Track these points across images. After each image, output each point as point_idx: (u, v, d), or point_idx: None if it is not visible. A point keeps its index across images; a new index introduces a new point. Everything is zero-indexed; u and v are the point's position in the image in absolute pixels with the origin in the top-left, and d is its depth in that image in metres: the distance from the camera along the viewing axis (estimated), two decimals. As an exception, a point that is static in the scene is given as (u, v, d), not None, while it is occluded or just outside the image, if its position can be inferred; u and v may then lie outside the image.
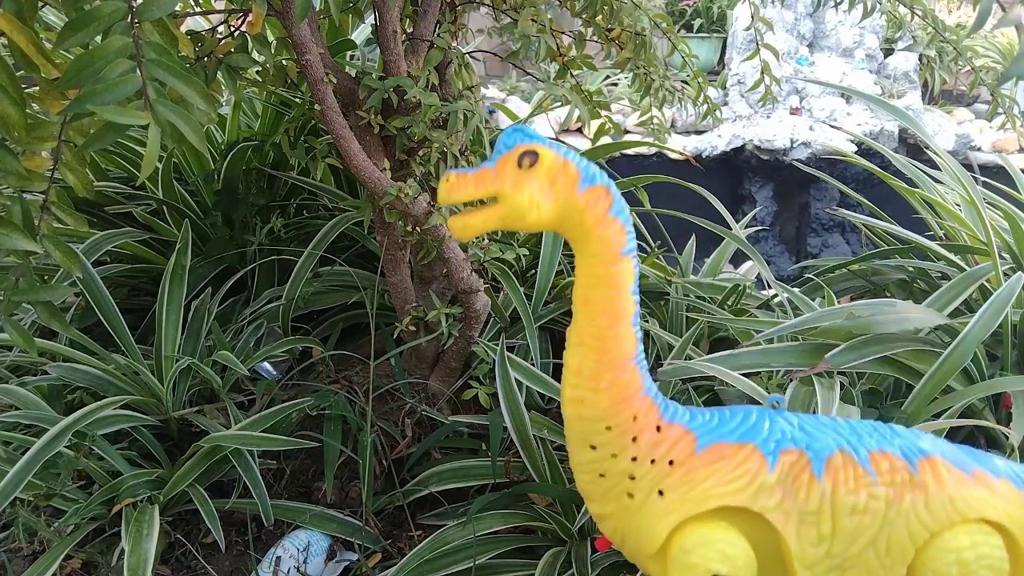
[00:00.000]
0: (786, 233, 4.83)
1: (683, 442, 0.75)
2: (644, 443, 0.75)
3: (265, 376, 1.76)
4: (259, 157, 1.97)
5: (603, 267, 0.73)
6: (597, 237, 0.72)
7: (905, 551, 0.73)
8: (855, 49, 4.87)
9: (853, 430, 0.76)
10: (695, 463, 0.74)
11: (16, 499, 1.32)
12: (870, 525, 0.72)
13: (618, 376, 0.75)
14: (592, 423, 0.77)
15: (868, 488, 0.72)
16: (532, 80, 5.07)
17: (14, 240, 0.81)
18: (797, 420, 0.77)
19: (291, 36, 1.18)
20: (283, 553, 1.40)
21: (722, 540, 0.72)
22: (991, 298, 1.43)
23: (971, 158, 4.38)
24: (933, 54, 4.93)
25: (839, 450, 0.74)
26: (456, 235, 0.71)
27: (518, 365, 1.52)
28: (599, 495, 0.79)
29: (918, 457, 0.74)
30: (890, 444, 0.75)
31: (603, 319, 0.74)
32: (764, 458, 0.73)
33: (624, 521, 0.77)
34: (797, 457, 0.73)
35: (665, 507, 0.74)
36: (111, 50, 0.68)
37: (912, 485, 0.73)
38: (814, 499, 0.72)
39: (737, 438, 0.75)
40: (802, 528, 0.73)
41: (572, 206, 0.70)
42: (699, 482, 0.73)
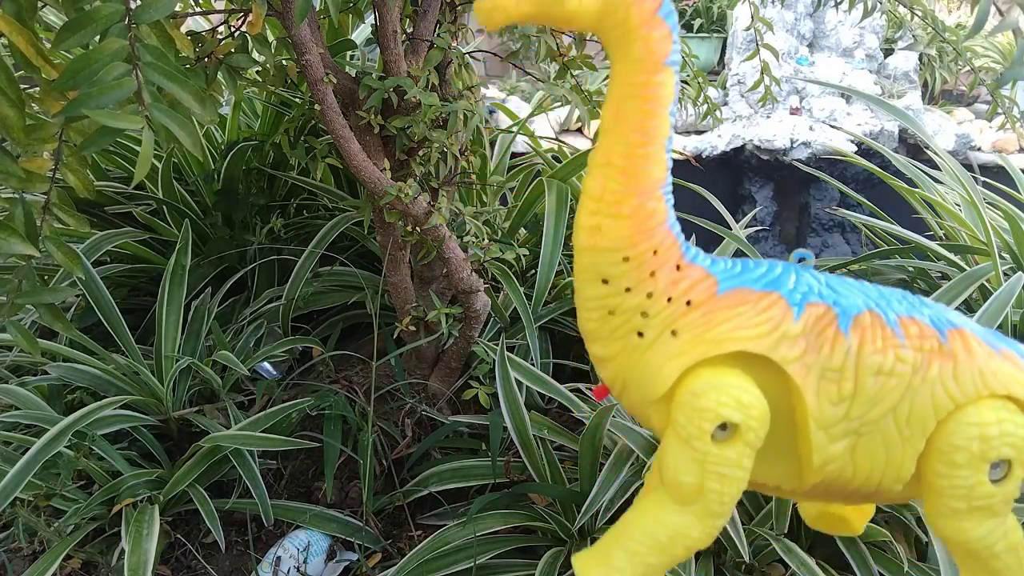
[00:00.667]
0: (786, 233, 4.83)
1: (703, 284, 0.69)
2: (662, 279, 0.68)
3: (265, 376, 1.77)
4: (259, 157, 1.97)
5: (643, 75, 0.65)
6: (641, 39, 0.64)
7: (926, 422, 0.69)
8: (855, 49, 4.87)
9: (882, 295, 0.72)
10: (715, 304, 0.68)
11: (16, 499, 1.32)
12: (894, 389, 0.68)
13: (644, 202, 0.67)
14: (608, 253, 0.68)
15: (896, 349, 0.68)
16: (532, 80, 5.07)
17: (12, 244, 0.81)
18: (824, 278, 0.72)
19: (291, 36, 1.18)
20: (283, 553, 1.40)
21: (737, 386, 0.67)
22: (991, 298, 1.43)
23: (971, 158, 4.38)
24: (933, 54, 4.93)
25: (868, 310, 0.69)
26: (483, 20, 0.63)
27: (518, 365, 1.52)
28: (605, 334, 0.71)
29: (948, 327, 0.70)
30: (919, 312, 0.71)
31: (636, 136, 0.66)
32: (789, 308, 0.68)
33: (629, 362, 0.71)
34: (824, 311, 0.68)
35: (678, 347, 0.68)
36: (107, 52, 0.68)
37: (941, 353, 0.69)
38: (839, 355, 0.67)
39: (762, 286, 0.69)
40: (823, 385, 0.68)
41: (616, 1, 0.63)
42: (718, 324, 0.68)
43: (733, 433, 0.67)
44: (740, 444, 0.67)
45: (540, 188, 1.83)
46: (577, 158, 1.92)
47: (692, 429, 0.67)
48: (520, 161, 2.17)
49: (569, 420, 1.62)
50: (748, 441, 0.67)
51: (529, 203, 1.91)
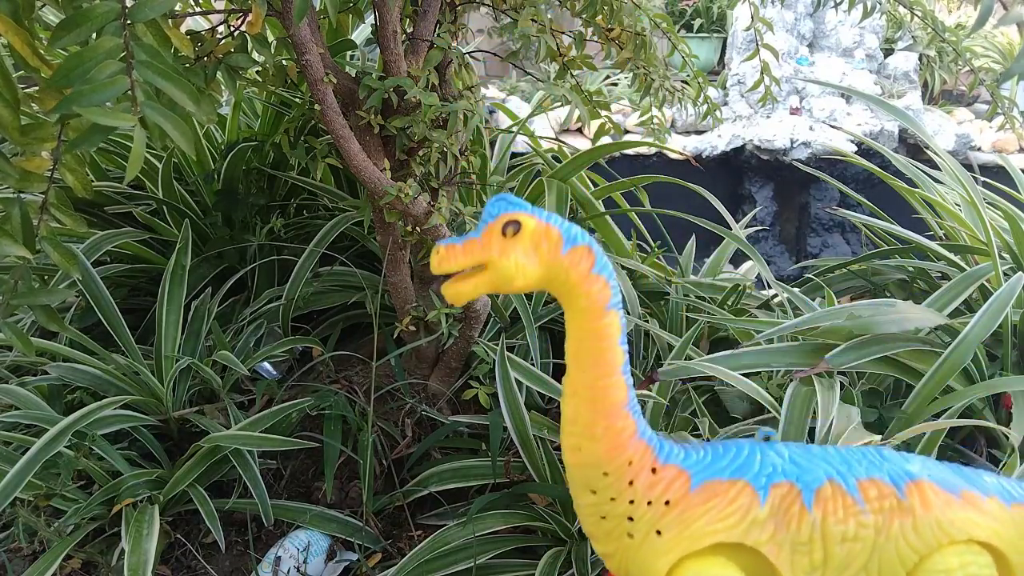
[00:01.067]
0: (786, 233, 4.83)
1: (678, 482, 0.78)
2: (640, 486, 0.78)
3: (265, 376, 1.76)
4: (259, 157, 1.97)
5: (590, 322, 0.76)
6: (583, 294, 0.75)
7: (896, 575, 0.75)
8: (855, 49, 4.87)
9: (843, 459, 0.79)
10: (690, 502, 0.77)
11: (16, 499, 1.32)
12: (860, 552, 0.75)
13: (612, 423, 0.77)
14: (590, 469, 0.78)
15: (857, 517, 0.75)
16: (532, 80, 5.07)
17: (5, 246, 0.80)
18: (788, 452, 0.79)
19: (291, 36, 1.18)
20: (283, 553, 1.40)
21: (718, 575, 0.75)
22: (991, 298, 1.43)
23: (971, 158, 4.38)
24: (933, 54, 4.92)
25: (828, 480, 0.76)
26: (450, 300, 0.75)
27: (518, 365, 1.52)
28: (602, 536, 0.81)
29: (906, 482, 0.76)
30: (879, 470, 0.77)
31: (594, 371, 0.77)
32: (755, 493, 0.76)
33: (626, 559, 0.80)
34: (788, 490, 0.76)
35: (663, 546, 0.77)
36: (101, 50, 0.67)
37: (900, 510, 0.75)
38: (805, 530, 0.75)
39: (730, 474, 0.78)
40: (795, 558, 0.75)
41: (557, 267, 0.75)
42: (694, 520, 0.76)
43: None
44: None
45: (540, 188, 1.83)
46: (577, 158, 1.92)
47: None
48: (520, 161, 2.17)
49: (569, 420, 1.62)
50: None
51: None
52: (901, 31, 4.84)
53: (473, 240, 0.73)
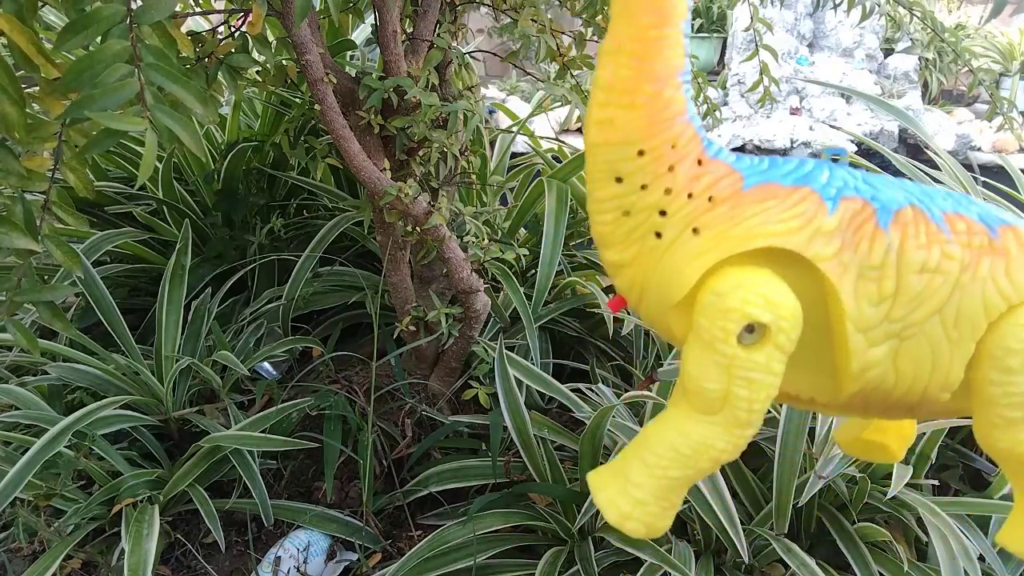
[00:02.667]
0: (786, 233, 4.83)
1: (727, 179, 0.62)
2: (681, 174, 0.61)
3: (265, 376, 1.77)
4: (259, 157, 1.98)
5: None
6: None
7: (977, 323, 0.62)
8: (855, 49, 4.87)
9: (924, 191, 0.64)
10: (740, 200, 0.61)
11: (16, 499, 1.32)
12: (940, 288, 0.61)
13: (660, 90, 0.59)
14: (622, 148, 0.61)
15: (942, 245, 0.61)
16: (532, 80, 5.07)
17: (14, 239, 0.81)
18: (861, 174, 0.65)
19: (291, 36, 1.18)
20: (283, 553, 1.40)
21: (766, 284, 0.59)
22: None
23: (971, 158, 4.38)
24: (932, 56, 4.93)
25: (910, 205, 0.62)
26: None
27: (518, 364, 1.52)
28: (620, 237, 0.64)
29: (999, 224, 0.63)
30: (967, 209, 0.63)
31: (647, 17, 0.58)
32: (823, 202, 0.61)
33: (647, 266, 0.64)
34: (861, 206, 0.61)
35: (700, 245, 0.61)
36: (109, 53, 0.68)
37: (992, 250, 0.62)
38: (878, 251, 0.60)
39: (792, 181, 0.62)
40: (861, 284, 0.61)
41: None
42: (744, 219, 0.61)
43: (762, 335, 0.59)
44: (770, 347, 0.59)
45: (540, 188, 1.83)
46: (577, 158, 1.92)
47: (716, 331, 0.60)
48: (520, 161, 2.17)
49: (569, 420, 1.62)
50: (779, 343, 0.60)
51: (529, 203, 1.91)
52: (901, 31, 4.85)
53: None
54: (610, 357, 1.80)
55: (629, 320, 1.68)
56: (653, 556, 1.22)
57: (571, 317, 1.84)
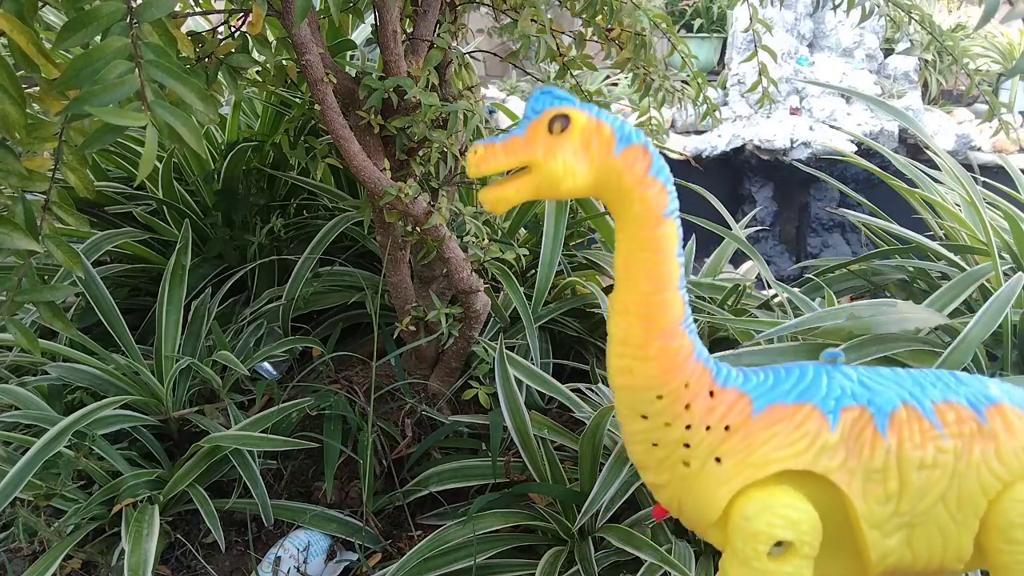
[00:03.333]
0: (786, 233, 4.83)
1: (738, 406, 0.71)
2: (698, 410, 0.71)
3: (265, 376, 1.76)
4: (259, 157, 1.97)
5: (645, 231, 0.69)
6: (638, 199, 0.68)
7: (977, 504, 0.69)
8: (855, 49, 4.87)
9: (915, 381, 0.72)
10: (752, 427, 0.70)
11: (16, 499, 1.32)
12: (939, 479, 0.69)
13: (667, 343, 0.69)
14: (642, 392, 0.71)
15: (935, 441, 0.69)
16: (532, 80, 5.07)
17: (15, 240, 0.81)
18: (856, 374, 0.73)
19: (291, 36, 1.18)
20: (283, 553, 1.40)
21: (786, 505, 0.68)
22: (991, 298, 1.43)
23: (971, 158, 4.38)
24: (931, 57, 4.93)
25: (902, 403, 0.70)
26: (489, 208, 0.68)
27: (518, 364, 1.52)
28: (653, 465, 0.74)
29: (985, 405, 0.70)
30: (955, 393, 0.71)
31: (648, 285, 0.69)
32: (824, 417, 0.69)
33: (681, 490, 0.73)
34: (859, 414, 0.70)
35: (724, 474, 0.70)
36: (109, 51, 0.68)
37: (981, 435, 0.69)
38: (879, 456, 0.69)
39: (795, 398, 0.71)
40: (868, 487, 0.69)
41: (609, 169, 0.67)
42: (758, 446, 0.70)
43: (788, 549, 0.69)
44: (796, 559, 0.69)
45: (540, 188, 1.83)
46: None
47: (749, 552, 0.69)
48: (520, 161, 2.16)
49: (569, 420, 1.62)
50: (803, 554, 0.69)
51: (529, 203, 1.91)
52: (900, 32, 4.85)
53: (515, 138, 0.65)
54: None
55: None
56: (653, 556, 1.22)
57: (571, 317, 1.84)
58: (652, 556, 1.22)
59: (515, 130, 0.67)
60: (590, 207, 1.94)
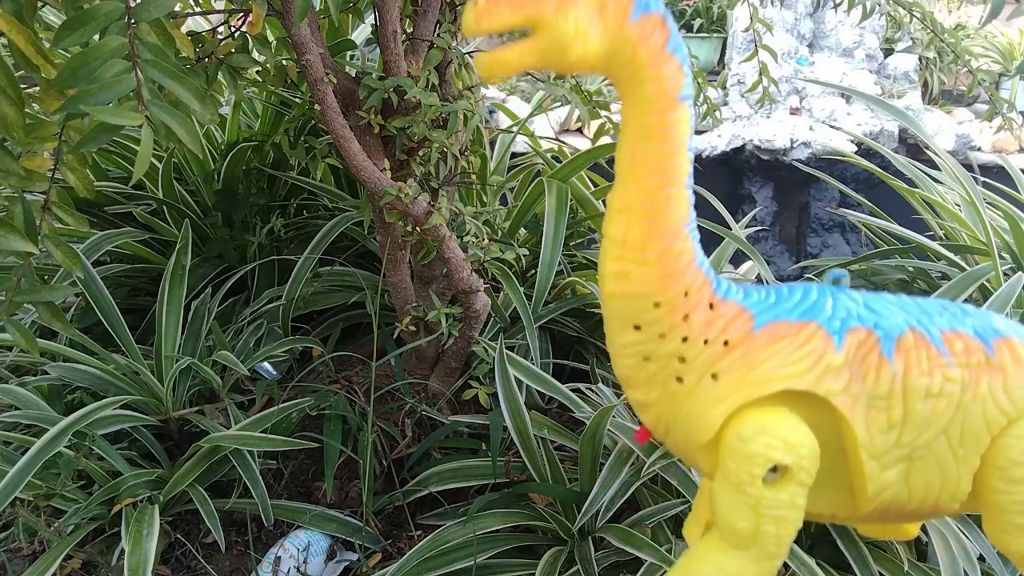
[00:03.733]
0: (786, 233, 4.83)
1: (739, 321, 0.67)
2: (696, 321, 0.66)
3: (265, 376, 1.76)
4: (259, 157, 1.97)
5: (656, 114, 0.62)
6: (651, 77, 0.60)
7: (980, 439, 0.67)
8: (855, 49, 4.87)
9: (922, 309, 0.70)
10: (753, 343, 0.66)
11: (16, 499, 1.32)
12: (944, 410, 0.66)
13: (670, 245, 0.64)
14: (638, 300, 0.66)
15: (943, 370, 0.66)
16: (532, 80, 5.07)
17: (12, 242, 0.81)
18: (862, 298, 0.70)
19: (291, 36, 1.18)
20: (283, 553, 1.40)
21: (784, 427, 0.64)
22: (991, 298, 1.43)
23: (971, 158, 4.38)
24: (932, 56, 4.93)
25: (910, 329, 0.67)
26: (484, 73, 0.59)
27: (518, 364, 1.52)
28: (642, 380, 0.69)
29: (994, 338, 0.68)
30: (963, 324, 0.68)
31: (654, 179, 0.63)
32: (830, 337, 0.66)
33: (671, 408, 0.69)
34: (865, 336, 0.66)
35: (720, 391, 0.66)
36: (107, 50, 0.68)
37: (989, 367, 0.67)
38: (884, 382, 0.65)
39: (799, 316, 0.67)
40: (871, 413, 0.66)
41: (623, 38, 0.59)
42: (758, 364, 0.66)
43: (784, 474, 0.65)
44: (792, 485, 0.65)
45: (540, 188, 1.83)
46: (577, 158, 1.92)
47: (743, 475, 0.65)
48: (520, 161, 2.17)
49: (569, 420, 1.62)
50: (800, 481, 0.65)
51: (529, 203, 1.91)
52: (901, 31, 4.85)
53: None
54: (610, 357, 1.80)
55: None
56: (653, 556, 1.22)
57: (571, 317, 1.84)
58: (652, 556, 1.22)
59: None
60: (590, 207, 1.94)
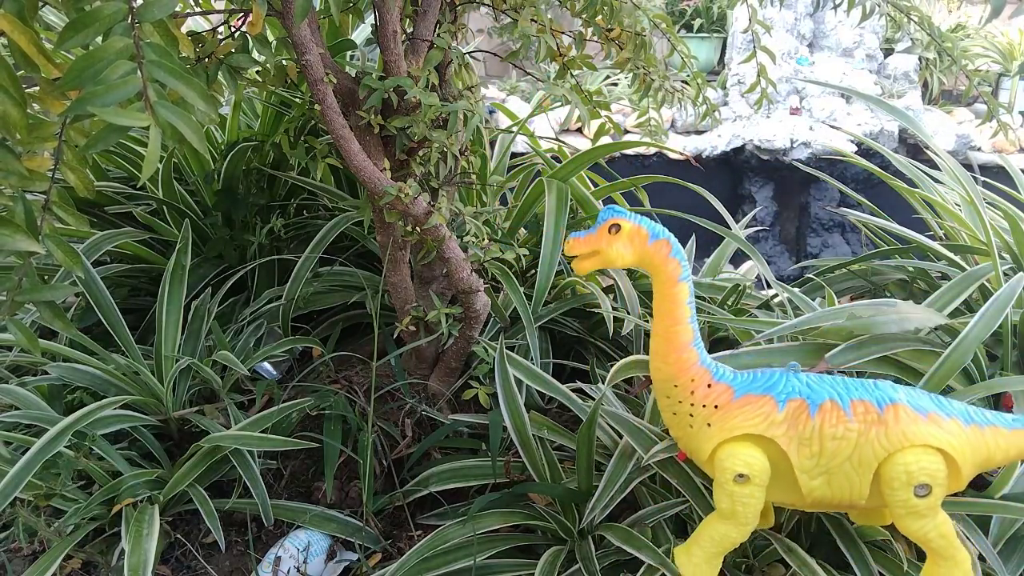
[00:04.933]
0: (786, 233, 4.84)
1: (725, 394, 1.11)
2: (699, 395, 1.12)
3: (265, 376, 1.77)
4: (259, 157, 1.98)
5: (667, 288, 1.09)
6: (662, 271, 1.09)
7: (871, 464, 1.08)
8: (855, 49, 4.87)
9: (845, 385, 1.10)
10: (731, 407, 1.11)
11: (16, 499, 1.32)
12: (846, 447, 1.08)
13: (680, 355, 1.11)
14: (666, 383, 1.13)
15: (845, 424, 1.07)
16: (532, 80, 5.07)
17: (16, 241, 0.81)
18: (806, 379, 1.11)
19: (291, 36, 1.18)
20: (283, 553, 1.40)
21: (745, 453, 1.10)
22: (992, 298, 1.43)
23: (971, 158, 4.38)
24: (932, 56, 4.93)
25: (829, 399, 1.08)
26: (578, 272, 1.12)
27: (518, 363, 1.52)
28: (673, 425, 1.16)
29: (886, 403, 1.07)
30: (869, 395, 1.08)
31: (668, 319, 1.10)
32: (776, 403, 1.09)
33: (688, 441, 1.16)
34: (799, 403, 1.09)
35: (711, 433, 1.11)
36: (112, 51, 0.68)
37: (878, 422, 1.07)
38: (807, 430, 1.08)
39: (760, 391, 1.11)
40: (800, 448, 1.09)
41: (645, 253, 1.08)
42: (732, 418, 1.10)
43: (747, 479, 1.10)
44: (751, 485, 1.11)
45: (540, 188, 1.83)
46: (577, 158, 1.92)
47: (722, 478, 1.11)
48: (520, 161, 2.17)
49: (568, 420, 1.62)
50: (756, 483, 1.11)
51: (529, 203, 1.91)
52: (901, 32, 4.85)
53: (590, 235, 1.09)
54: (610, 357, 1.80)
55: (629, 320, 1.68)
56: (651, 558, 1.22)
57: (571, 317, 1.84)
58: (650, 557, 1.22)
59: (591, 230, 1.09)
60: (590, 207, 1.94)
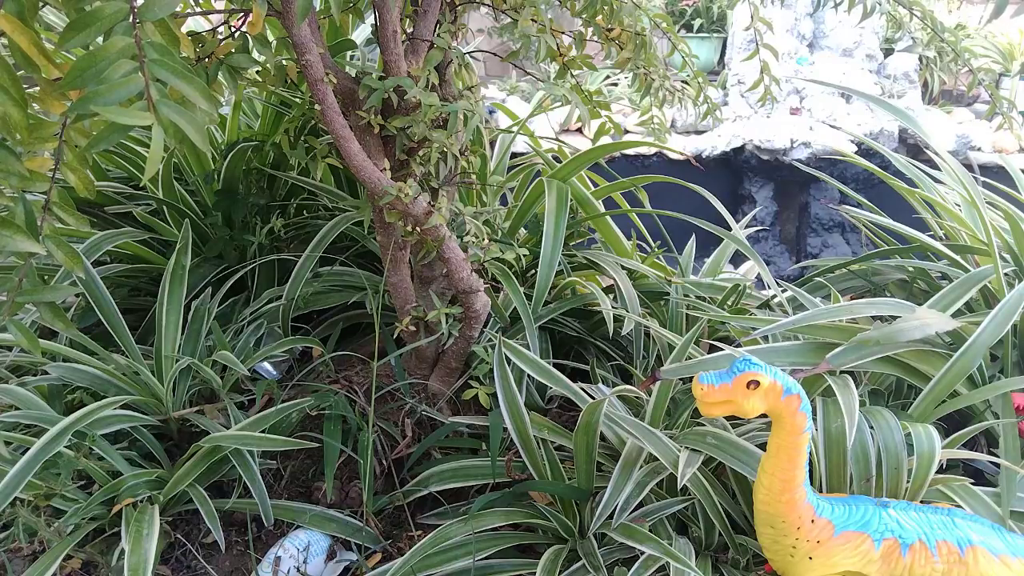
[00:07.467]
0: (786, 233, 4.83)
1: (827, 529, 1.20)
2: (803, 531, 1.20)
3: (265, 376, 1.76)
4: (259, 157, 1.97)
5: (790, 438, 1.15)
6: (790, 422, 1.14)
7: None
8: (855, 49, 4.87)
9: (930, 524, 1.20)
10: (832, 543, 1.20)
11: (16, 499, 1.32)
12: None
13: (791, 496, 1.18)
14: (773, 516, 1.21)
15: (932, 564, 1.19)
16: (532, 80, 5.07)
17: (17, 242, 0.81)
18: (896, 515, 1.21)
19: (291, 36, 1.18)
20: (283, 553, 1.40)
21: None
22: (999, 305, 1.43)
23: (971, 158, 4.38)
24: (933, 55, 4.93)
25: (919, 540, 1.19)
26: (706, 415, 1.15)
27: (522, 355, 1.52)
28: (772, 551, 1.24)
29: (967, 546, 1.18)
30: (951, 535, 1.19)
31: (786, 463, 1.17)
32: (873, 542, 1.20)
33: (787, 568, 1.24)
34: (892, 543, 1.20)
35: (812, 566, 1.21)
36: (113, 51, 0.68)
37: (960, 563, 1.18)
38: (899, 569, 1.19)
39: (857, 528, 1.20)
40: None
41: (779, 406, 1.13)
42: (834, 555, 1.20)
43: None
44: None
45: (540, 188, 1.83)
46: (577, 158, 1.92)
47: None
48: (520, 161, 2.17)
49: (569, 420, 1.62)
50: None
51: (529, 203, 1.91)
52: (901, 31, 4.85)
53: (725, 385, 1.12)
54: (610, 357, 1.80)
55: (629, 320, 1.68)
56: (656, 550, 1.24)
57: (571, 317, 1.84)
58: (655, 550, 1.23)
59: (725, 378, 1.12)
60: (590, 207, 1.94)
